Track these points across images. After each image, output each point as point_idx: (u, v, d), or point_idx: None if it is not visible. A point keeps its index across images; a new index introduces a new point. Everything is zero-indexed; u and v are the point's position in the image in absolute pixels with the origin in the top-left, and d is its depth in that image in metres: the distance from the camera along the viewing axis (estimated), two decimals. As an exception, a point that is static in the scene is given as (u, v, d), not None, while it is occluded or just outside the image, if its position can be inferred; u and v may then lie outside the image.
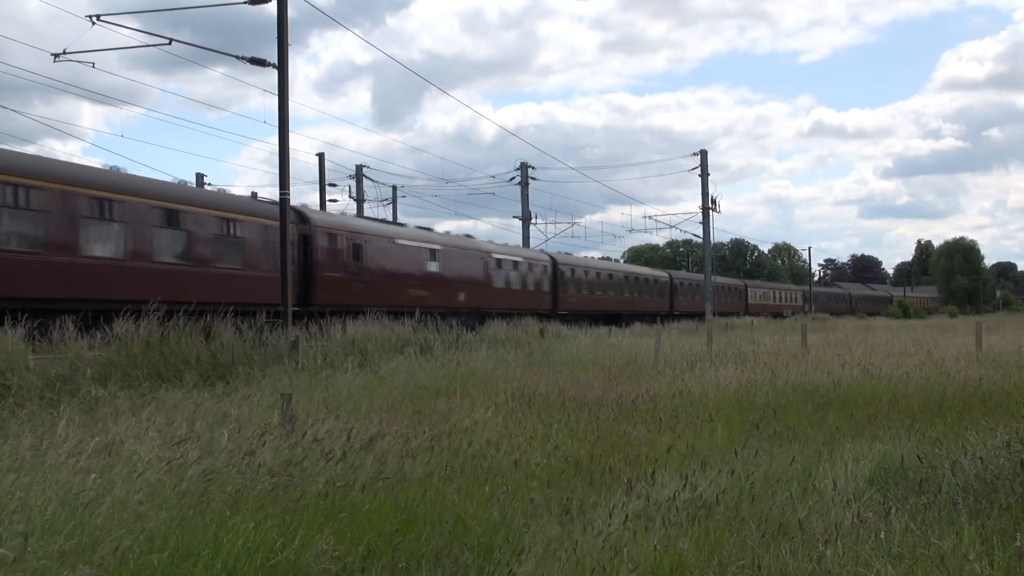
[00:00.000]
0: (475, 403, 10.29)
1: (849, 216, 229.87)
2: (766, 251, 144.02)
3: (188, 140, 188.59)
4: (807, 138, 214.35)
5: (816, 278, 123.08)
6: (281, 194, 20.92)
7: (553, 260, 42.50)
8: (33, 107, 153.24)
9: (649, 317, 46.30)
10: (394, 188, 52.12)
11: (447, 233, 36.24)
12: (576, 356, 18.14)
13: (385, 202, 51.26)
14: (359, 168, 49.32)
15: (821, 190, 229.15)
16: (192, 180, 37.15)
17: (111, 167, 22.84)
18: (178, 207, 21.19)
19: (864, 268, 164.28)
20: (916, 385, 11.78)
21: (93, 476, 5.63)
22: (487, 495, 6.23)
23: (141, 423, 7.63)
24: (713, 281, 55.64)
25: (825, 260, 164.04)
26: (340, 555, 4.98)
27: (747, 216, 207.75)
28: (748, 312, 63.79)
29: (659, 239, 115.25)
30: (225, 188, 31.45)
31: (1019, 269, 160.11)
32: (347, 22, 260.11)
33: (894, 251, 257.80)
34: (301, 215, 25.58)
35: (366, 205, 48.61)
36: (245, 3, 20.94)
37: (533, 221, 51.81)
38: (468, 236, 38.33)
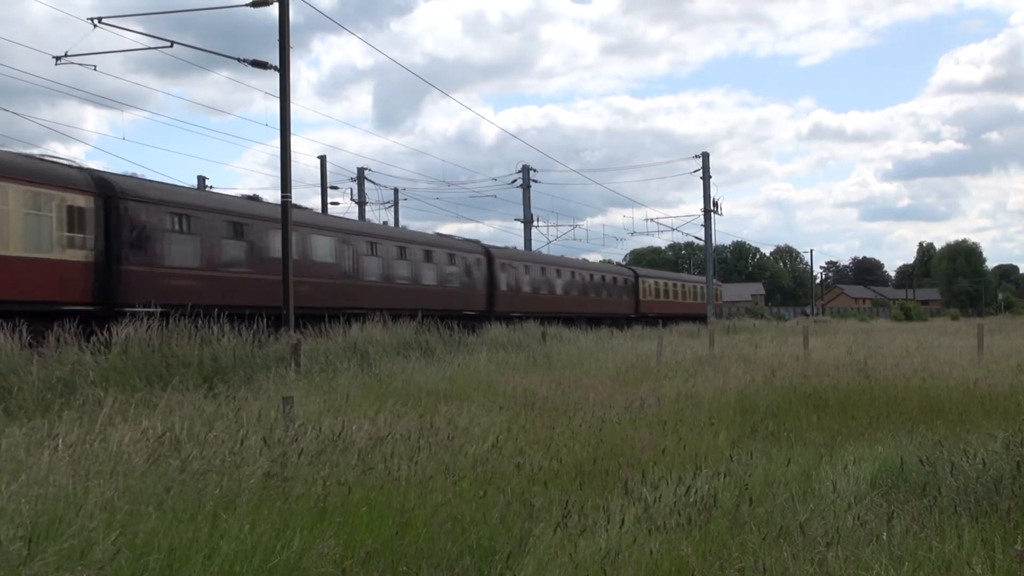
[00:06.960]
0: (478, 406, 10.26)
1: (850, 218, 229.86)
2: (768, 254, 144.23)
3: (190, 143, 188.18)
4: (807, 141, 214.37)
5: (818, 280, 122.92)
6: (283, 196, 20.87)
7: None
8: (38, 110, 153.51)
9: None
10: (396, 191, 52.19)
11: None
12: (578, 359, 18.12)
13: (387, 205, 51.36)
14: (361, 171, 49.33)
15: (822, 192, 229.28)
16: (194, 182, 37.10)
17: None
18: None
19: (866, 270, 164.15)
20: (916, 387, 11.76)
21: (87, 478, 5.61)
22: (487, 499, 6.20)
23: (138, 425, 7.59)
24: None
25: (827, 262, 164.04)
26: (339, 558, 4.97)
27: (748, 218, 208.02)
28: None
29: (661, 242, 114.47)
30: (226, 190, 31.38)
31: (1021, 271, 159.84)
32: (350, 26, 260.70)
33: (895, 253, 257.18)
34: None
35: (368, 208, 48.71)
36: (247, 5, 20.97)
37: (535, 224, 51.84)
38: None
